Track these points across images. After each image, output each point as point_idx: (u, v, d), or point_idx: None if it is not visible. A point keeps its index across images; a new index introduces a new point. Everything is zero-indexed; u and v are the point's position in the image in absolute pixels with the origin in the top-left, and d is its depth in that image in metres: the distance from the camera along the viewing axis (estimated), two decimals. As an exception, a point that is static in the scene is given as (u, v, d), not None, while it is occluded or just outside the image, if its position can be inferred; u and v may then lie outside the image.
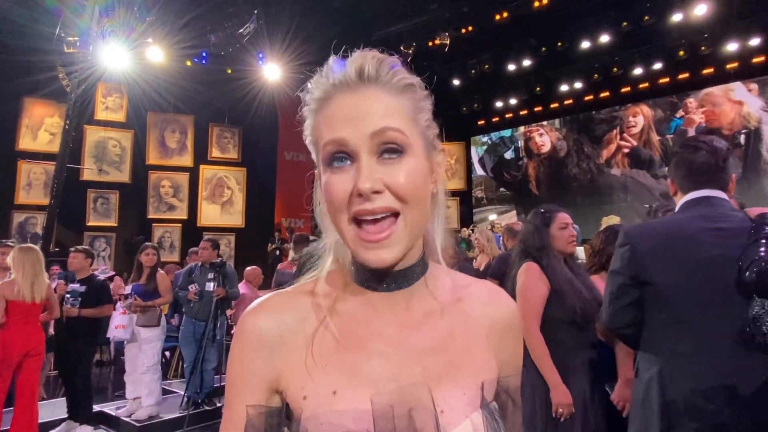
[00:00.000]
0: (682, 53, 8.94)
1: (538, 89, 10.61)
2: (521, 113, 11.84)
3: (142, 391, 4.86)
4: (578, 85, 10.32)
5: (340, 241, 0.72)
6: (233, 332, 0.72)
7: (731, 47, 8.67)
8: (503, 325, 0.74)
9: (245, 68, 9.42)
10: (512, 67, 10.11)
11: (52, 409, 4.88)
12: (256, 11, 8.61)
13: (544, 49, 9.66)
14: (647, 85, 9.96)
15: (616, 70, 9.62)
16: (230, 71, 9.58)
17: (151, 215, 10.65)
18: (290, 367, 0.65)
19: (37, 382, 4.22)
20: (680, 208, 1.78)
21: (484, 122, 12.57)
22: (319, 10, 8.69)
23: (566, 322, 2.43)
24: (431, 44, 9.51)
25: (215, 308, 5.08)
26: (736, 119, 9.10)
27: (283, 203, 11.28)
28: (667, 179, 1.99)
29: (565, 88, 10.51)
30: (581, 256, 3.81)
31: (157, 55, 8.64)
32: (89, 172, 9.91)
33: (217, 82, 9.78)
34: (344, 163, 0.63)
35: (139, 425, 4.66)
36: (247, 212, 11.39)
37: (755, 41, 8.45)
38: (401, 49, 9.12)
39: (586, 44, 9.29)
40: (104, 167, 10.09)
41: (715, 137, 1.82)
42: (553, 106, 11.33)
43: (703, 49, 8.73)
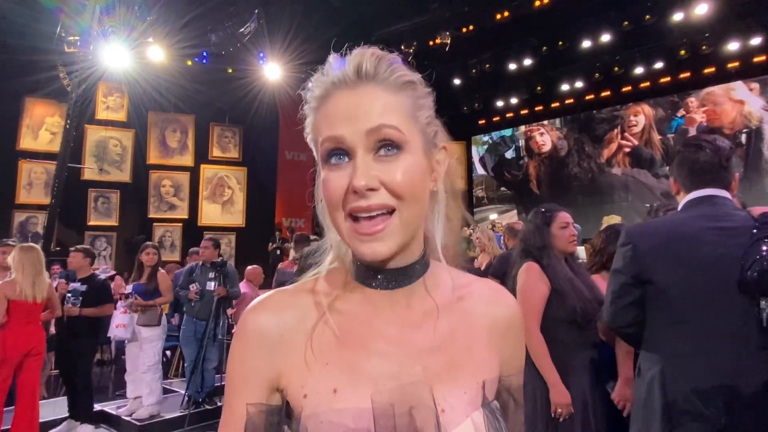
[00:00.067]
0: (683, 52, 8.92)
1: (538, 88, 10.58)
2: (522, 113, 11.83)
3: (143, 390, 4.86)
4: (579, 84, 10.30)
5: (340, 240, 0.72)
6: (234, 331, 0.72)
7: (732, 46, 8.65)
8: (505, 323, 0.74)
9: (246, 68, 9.41)
10: (513, 66, 10.09)
11: (53, 408, 4.89)
12: (256, 11, 8.60)
13: (544, 48, 9.64)
14: (648, 84, 9.95)
15: (617, 69, 9.60)
16: (231, 71, 9.58)
17: (151, 215, 10.65)
18: (291, 365, 0.65)
19: (37, 381, 4.22)
20: (683, 207, 1.77)
21: (484, 122, 12.56)
22: (319, 9, 8.67)
23: (567, 321, 2.42)
24: (432, 44, 9.50)
25: (216, 307, 5.09)
26: (737, 118, 9.10)
27: (283, 203, 11.27)
28: (668, 179, 1.99)
29: (565, 87, 10.49)
30: (582, 255, 3.80)
31: (157, 54, 8.64)
32: (90, 171, 9.91)
33: (217, 81, 9.78)
34: (342, 160, 0.63)
35: (139, 424, 4.67)
36: (247, 212, 11.38)
37: (756, 40, 8.44)
38: (402, 48, 9.09)
39: (587, 43, 9.27)
40: (105, 167, 10.09)
41: (717, 136, 1.81)
42: (554, 105, 11.31)
43: (704, 48, 8.72)
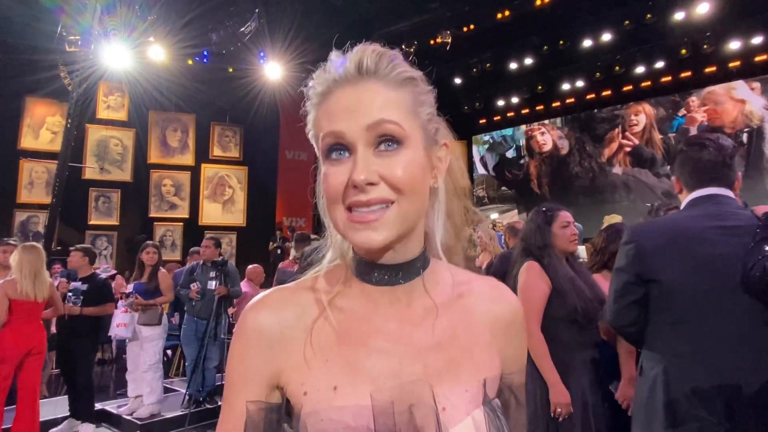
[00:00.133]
0: (684, 52, 8.90)
1: (539, 88, 10.56)
2: (523, 112, 11.82)
3: (143, 389, 4.86)
4: (580, 83, 10.28)
5: (341, 237, 0.72)
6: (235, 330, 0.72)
7: (733, 46, 8.63)
8: (506, 321, 0.74)
9: (246, 67, 9.42)
10: (514, 65, 10.08)
11: (54, 407, 4.89)
12: (257, 10, 8.60)
13: (545, 47, 9.63)
14: (649, 83, 9.93)
15: (618, 68, 9.57)
16: (231, 70, 9.58)
17: (152, 214, 10.65)
18: (291, 363, 0.65)
19: (38, 380, 4.23)
20: (686, 205, 1.76)
21: (485, 121, 12.55)
22: (320, 9, 8.66)
23: (567, 321, 2.42)
24: (432, 43, 9.48)
25: (217, 306, 5.09)
26: (738, 118, 9.07)
27: (284, 202, 11.27)
28: (668, 178, 1.98)
29: (566, 86, 10.47)
30: (583, 255, 3.80)
31: (158, 53, 8.65)
32: (91, 170, 9.92)
33: (218, 81, 9.78)
34: (342, 155, 0.63)
35: (140, 423, 4.67)
36: (248, 211, 11.38)
37: (757, 39, 8.41)
38: (402, 47, 9.04)
39: (587, 43, 9.25)
40: (106, 166, 10.10)
41: (720, 135, 1.80)
42: (554, 104, 11.30)
43: (705, 47, 8.69)
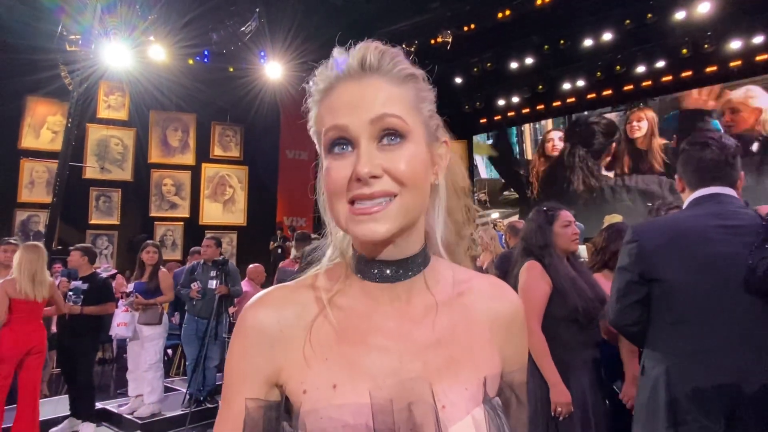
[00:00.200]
0: (685, 51, 8.87)
1: (540, 87, 10.54)
2: (524, 111, 11.80)
3: (144, 388, 4.86)
4: (581, 83, 10.26)
5: (342, 235, 0.72)
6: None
7: (734, 45, 8.61)
8: (507, 319, 0.73)
9: (247, 67, 9.42)
10: (514, 65, 10.07)
11: (54, 406, 4.90)
12: (257, 10, 8.60)
13: (546, 47, 9.61)
14: (650, 83, 9.91)
15: (618, 68, 9.56)
16: (232, 70, 9.58)
17: (153, 213, 10.64)
18: (290, 361, 0.65)
19: (38, 379, 4.23)
20: (688, 204, 1.76)
21: (486, 120, 12.54)
22: (320, 8, 8.65)
23: (568, 320, 2.42)
24: (433, 42, 9.47)
25: (218, 306, 5.09)
26: (755, 126, 8.75)
27: (284, 201, 11.26)
28: (669, 181, 1.97)
29: (567, 86, 10.45)
30: (584, 254, 3.80)
31: (159, 53, 8.65)
32: (91, 170, 9.91)
33: (218, 80, 9.77)
34: (345, 149, 0.63)
35: (141, 422, 4.68)
36: (249, 210, 11.37)
37: (759, 39, 8.39)
38: (403, 47, 9.06)
39: (588, 42, 9.24)
40: (106, 165, 10.09)
41: (723, 134, 1.80)
42: (555, 104, 11.28)
43: (706, 47, 8.67)
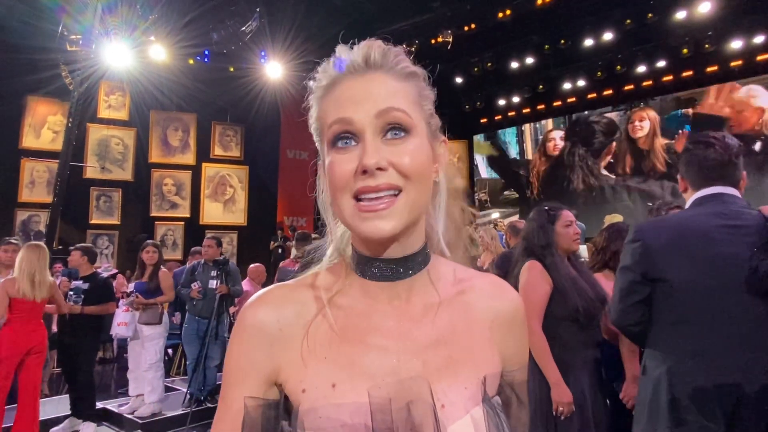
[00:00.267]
0: (685, 51, 8.85)
1: (540, 87, 10.54)
2: (524, 111, 11.79)
3: (144, 388, 4.87)
4: (581, 83, 10.24)
5: (342, 234, 0.72)
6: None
7: (735, 45, 8.59)
8: (507, 318, 0.73)
9: (247, 66, 9.41)
10: (515, 65, 10.06)
11: (55, 406, 4.90)
12: (258, 9, 8.60)
13: (546, 47, 9.61)
14: (651, 83, 9.90)
15: (619, 68, 9.54)
16: (232, 69, 9.57)
17: (153, 213, 10.65)
18: (289, 360, 0.65)
19: (39, 379, 4.23)
20: (691, 204, 1.75)
21: (486, 120, 12.53)
22: (321, 8, 8.65)
23: (568, 320, 2.42)
24: (433, 42, 9.46)
25: (218, 305, 5.09)
26: (755, 126, 8.72)
27: (285, 201, 11.27)
28: (670, 181, 1.97)
29: (568, 86, 10.44)
30: (584, 254, 3.79)
31: (159, 53, 8.65)
32: (92, 170, 9.91)
33: (219, 80, 9.77)
34: (349, 143, 0.63)
35: (141, 422, 4.68)
36: (249, 210, 11.38)
37: (760, 39, 8.37)
38: (403, 47, 9.06)
39: (589, 42, 9.23)
40: (107, 165, 10.09)
41: (726, 134, 1.79)
42: (556, 104, 11.27)
43: (707, 47, 8.65)
